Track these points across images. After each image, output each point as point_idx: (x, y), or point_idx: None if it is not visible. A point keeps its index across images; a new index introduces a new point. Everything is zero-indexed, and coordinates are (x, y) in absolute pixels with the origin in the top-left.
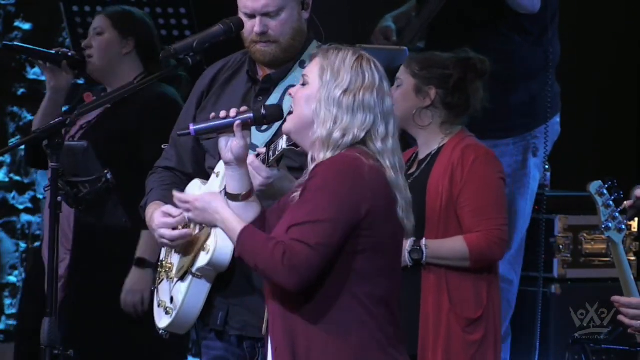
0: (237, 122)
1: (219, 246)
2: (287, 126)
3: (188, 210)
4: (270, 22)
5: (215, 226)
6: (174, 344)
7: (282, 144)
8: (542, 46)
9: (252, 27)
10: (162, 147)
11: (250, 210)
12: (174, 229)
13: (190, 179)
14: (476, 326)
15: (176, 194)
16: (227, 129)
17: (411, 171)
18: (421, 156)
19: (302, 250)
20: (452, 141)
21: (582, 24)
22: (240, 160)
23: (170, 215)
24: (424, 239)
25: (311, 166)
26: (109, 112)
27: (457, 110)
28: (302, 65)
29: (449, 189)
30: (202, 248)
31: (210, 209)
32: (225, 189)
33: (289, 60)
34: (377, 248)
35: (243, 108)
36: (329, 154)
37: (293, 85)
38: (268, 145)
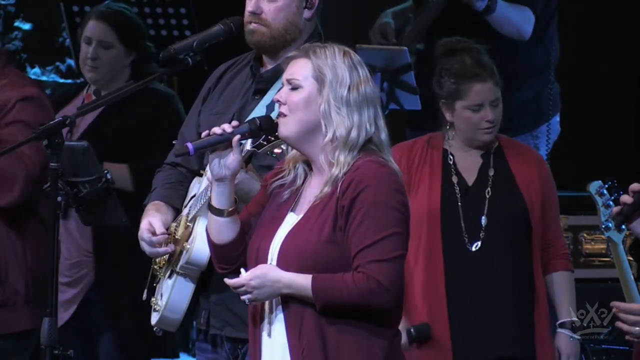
0: (237, 137)
1: (196, 246)
2: (285, 132)
3: (246, 293)
4: (265, 5)
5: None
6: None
7: (247, 146)
8: (544, 44)
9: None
10: (173, 142)
11: (233, 224)
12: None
13: (195, 175)
14: None
15: (228, 281)
16: (222, 145)
17: None
18: None
19: (382, 268)
20: None
21: (582, 23)
22: (234, 176)
23: (153, 231)
24: None
25: (335, 170)
26: (112, 111)
27: None
28: None
29: None
30: (183, 248)
31: (269, 282)
32: (209, 202)
33: (277, 49)
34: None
35: (234, 123)
36: (349, 157)
37: None
38: None
